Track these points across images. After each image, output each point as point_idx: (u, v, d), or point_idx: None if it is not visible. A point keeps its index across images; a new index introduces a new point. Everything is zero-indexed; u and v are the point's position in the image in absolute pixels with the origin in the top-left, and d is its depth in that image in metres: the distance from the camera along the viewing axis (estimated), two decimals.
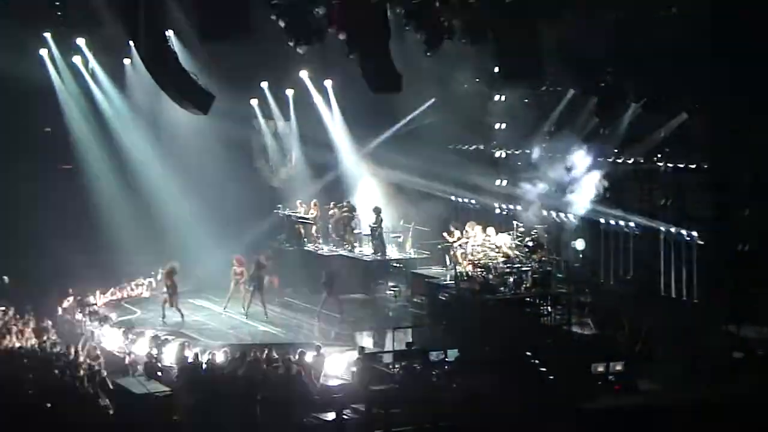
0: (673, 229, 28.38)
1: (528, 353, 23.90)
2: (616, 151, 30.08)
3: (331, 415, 21.12)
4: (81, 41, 32.61)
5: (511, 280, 26.65)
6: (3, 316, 28.60)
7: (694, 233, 27.78)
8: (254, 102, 35.87)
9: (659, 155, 28.92)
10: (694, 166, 27.94)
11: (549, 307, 26.66)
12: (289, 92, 35.39)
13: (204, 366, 23.29)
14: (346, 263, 31.93)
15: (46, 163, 33.73)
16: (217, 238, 32.82)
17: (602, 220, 30.25)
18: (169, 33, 22.29)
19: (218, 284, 31.42)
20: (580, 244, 29.84)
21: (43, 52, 32.74)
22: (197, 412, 20.81)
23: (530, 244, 27.31)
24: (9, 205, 32.07)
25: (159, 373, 23.34)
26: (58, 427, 19.73)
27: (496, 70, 25.96)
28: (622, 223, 29.82)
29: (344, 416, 21.15)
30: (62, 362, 23.54)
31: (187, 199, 33.71)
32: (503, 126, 32.84)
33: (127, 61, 33.50)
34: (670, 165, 28.65)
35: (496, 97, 32.61)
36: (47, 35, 32.20)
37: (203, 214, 33.37)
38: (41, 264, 32.03)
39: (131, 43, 25.16)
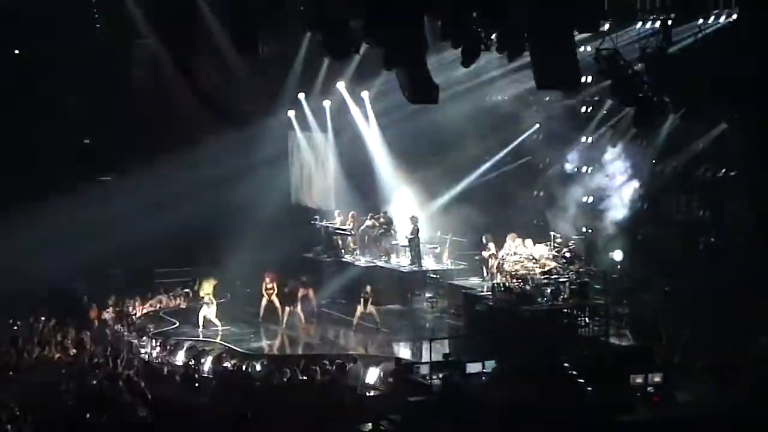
0: (712, 239, 28.26)
1: (566, 364, 23.82)
2: (654, 161, 29.96)
3: (367, 426, 21.13)
4: None
5: (549, 291, 26.55)
6: (43, 327, 28.84)
7: (733, 244, 27.65)
8: (291, 113, 36.02)
9: (697, 165, 28.79)
10: (732, 176, 27.81)
11: (587, 319, 26.57)
12: (326, 103, 35.49)
13: (241, 377, 23.38)
14: (383, 274, 31.94)
15: (84, 174, 34.02)
16: (254, 249, 32.90)
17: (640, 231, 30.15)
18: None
19: (255, 296, 31.46)
20: (617, 255, 29.69)
21: None
22: (235, 422, 20.86)
23: (567, 255, 27.24)
24: (48, 215, 32.29)
25: (197, 384, 23.45)
26: None
27: (533, 80, 25.94)
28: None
29: (381, 427, 21.15)
30: (101, 372, 23.69)
31: (224, 210, 33.90)
32: (540, 137, 32.82)
33: None
34: (708, 175, 28.53)
35: (533, 107, 32.61)
36: None
37: (240, 226, 33.52)
38: (81, 274, 32.30)
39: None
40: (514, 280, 26.74)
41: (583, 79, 28.76)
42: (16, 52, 32.46)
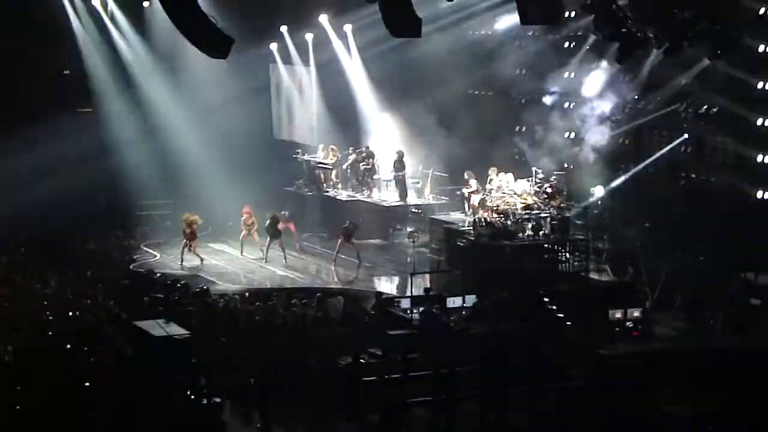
0: (692, 176, 28.35)
1: (546, 299, 23.95)
2: (636, 96, 29.90)
3: (347, 360, 21.24)
4: None
5: (530, 226, 26.64)
6: (25, 258, 28.70)
7: (713, 180, 27.72)
8: (274, 46, 35.78)
9: (679, 102, 28.77)
10: (714, 112, 27.82)
11: (567, 254, 26.68)
12: (309, 36, 35.23)
13: (222, 310, 23.42)
14: (365, 209, 31.95)
15: (64, 106, 33.69)
16: (236, 182, 32.77)
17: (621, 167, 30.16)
18: None
19: (236, 229, 31.42)
20: (598, 191, 29.73)
21: None
22: (215, 355, 20.94)
23: (549, 190, 27.29)
24: (26, 147, 32.01)
25: (178, 317, 23.43)
26: (79, 367, 19.88)
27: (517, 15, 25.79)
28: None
29: (361, 360, 21.27)
30: (83, 304, 23.68)
31: (205, 143, 33.75)
32: (523, 72, 32.70)
33: (146, 4, 33.67)
34: (690, 111, 28.52)
35: (516, 43, 32.46)
36: None
37: (222, 159, 33.40)
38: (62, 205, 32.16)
39: None
40: (496, 215, 26.80)
41: (566, 14, 28.79)
42: None
